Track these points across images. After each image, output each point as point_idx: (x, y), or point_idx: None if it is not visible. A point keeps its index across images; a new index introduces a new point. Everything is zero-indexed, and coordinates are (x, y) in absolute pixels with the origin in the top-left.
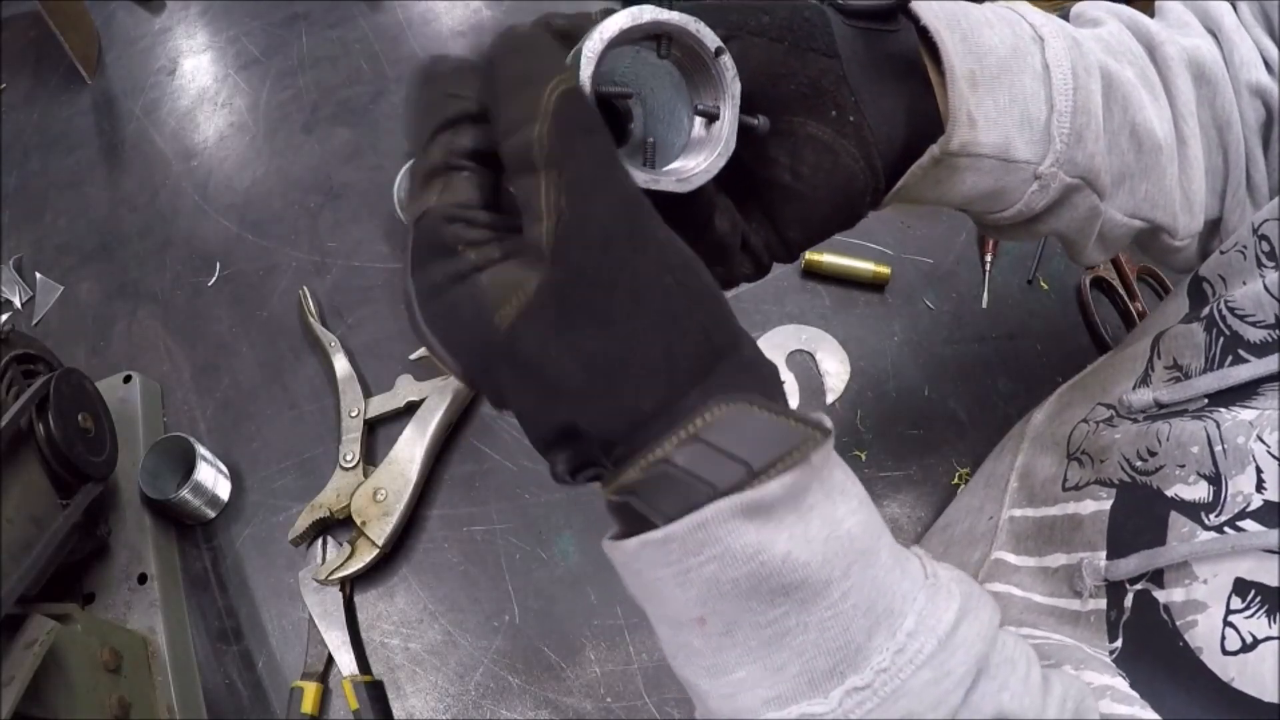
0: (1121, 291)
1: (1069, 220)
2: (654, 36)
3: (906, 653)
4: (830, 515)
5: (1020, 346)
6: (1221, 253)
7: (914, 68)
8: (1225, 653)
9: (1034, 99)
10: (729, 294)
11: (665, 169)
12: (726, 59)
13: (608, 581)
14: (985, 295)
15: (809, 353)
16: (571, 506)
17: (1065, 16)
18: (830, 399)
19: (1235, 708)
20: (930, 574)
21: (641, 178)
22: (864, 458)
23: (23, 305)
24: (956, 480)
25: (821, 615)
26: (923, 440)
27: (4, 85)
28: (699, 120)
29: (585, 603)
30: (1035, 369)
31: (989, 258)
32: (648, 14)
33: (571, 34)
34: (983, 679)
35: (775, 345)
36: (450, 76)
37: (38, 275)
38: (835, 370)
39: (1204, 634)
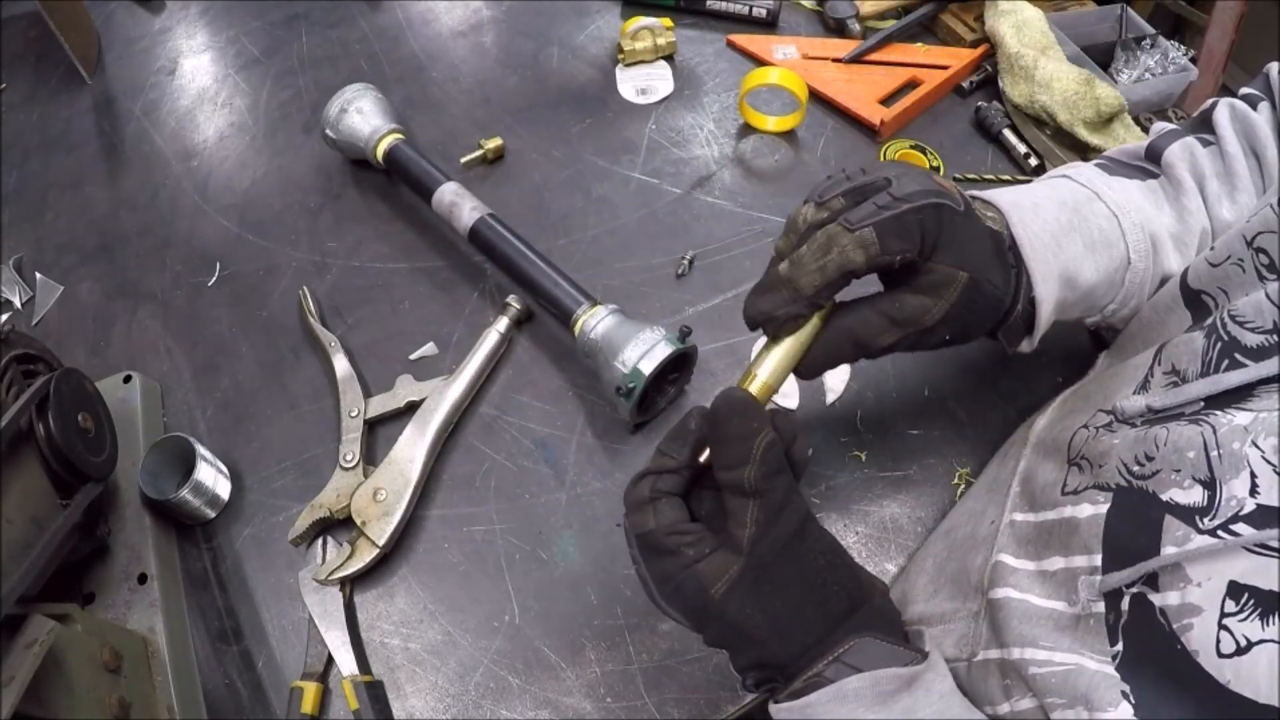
0: None
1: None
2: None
3: None
4: (910, 704)
5: None
6: (1213, 265)
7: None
8: (1221, 655)
9: (1102, 296)
10: None
11: None
12: None
13: (608, 582)
14: None
15: None
16: (571, 507)
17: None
18: (830, 399)
19: (1233, 710)
20: None
21: None
22: (864, 458)
23: (23, 305)
24: (956, 480)
25: None
26: (923, 440)
27: (4, 85)
28: None
29: (585, 603)
30: (1035, 369)
31: None
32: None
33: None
34: None
35: None
36: (669, 440)
37: (38, 275)
38: (835, 371)
39: (1199, 637)
